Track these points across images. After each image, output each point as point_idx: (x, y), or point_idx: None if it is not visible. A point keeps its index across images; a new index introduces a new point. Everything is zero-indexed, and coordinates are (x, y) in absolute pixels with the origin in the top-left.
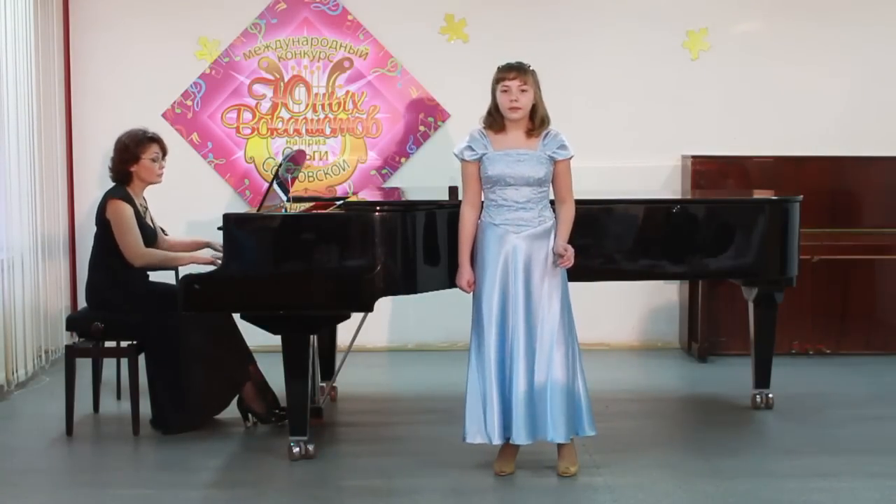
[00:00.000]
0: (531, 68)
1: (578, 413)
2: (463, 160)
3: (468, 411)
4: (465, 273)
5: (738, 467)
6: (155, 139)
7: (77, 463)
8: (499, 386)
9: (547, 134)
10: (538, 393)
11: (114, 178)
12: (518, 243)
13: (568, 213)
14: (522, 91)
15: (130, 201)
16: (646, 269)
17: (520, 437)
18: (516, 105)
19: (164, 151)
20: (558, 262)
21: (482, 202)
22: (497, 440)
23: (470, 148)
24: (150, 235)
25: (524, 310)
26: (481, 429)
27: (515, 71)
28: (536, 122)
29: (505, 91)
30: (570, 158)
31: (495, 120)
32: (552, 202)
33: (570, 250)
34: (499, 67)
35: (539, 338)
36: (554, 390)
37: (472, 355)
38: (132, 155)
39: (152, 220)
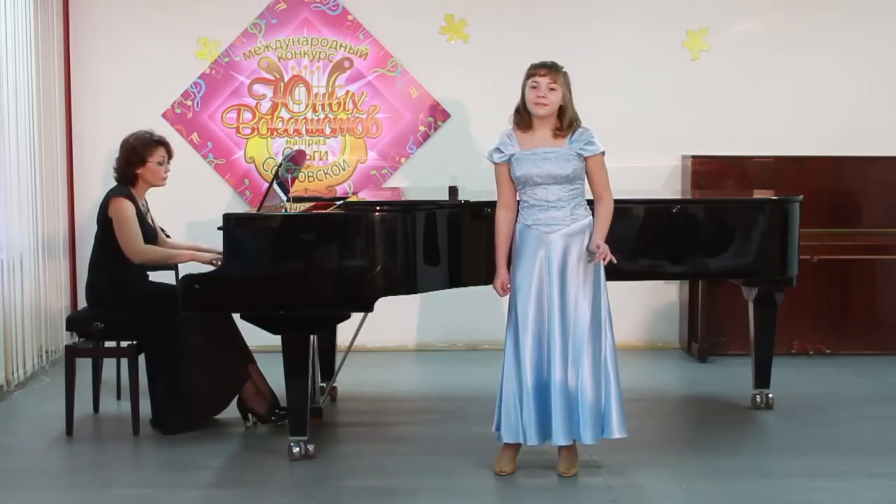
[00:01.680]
0: (564, 69)
1: (608, 414)
2: (493, 162)
3: (503, 413)
4: (500, 276)
5: (738, 467)
6: (162, 143)
7: (77, 463)
8: (535, 388)
9: (575, 131)
10: (572, 394)
11: (118, 179)
12: (553, 243)
13: (605, 210)
14: (551, 89)
15: (133, 201)
16: (646, 269)
17: (559, 437)
18: (543, 101)
19: (170, 155)
20: (592, 260)
21: (518, 204)
22: (533, 441)
23: (498, 150)
24: (151, 235)
25: (559, 310)
26: (517, 430)
27: (547, 68)
28: (565, 122)
29: (534, 87)
30: (601, 154)
31: (523, 118)
32: (590, 201)
33: (604, 247)
34: (531, 64)
35: (572, 339)
36: (584, 392)
37: (509, 357)
38: (139, 157)
39: (153, 221)
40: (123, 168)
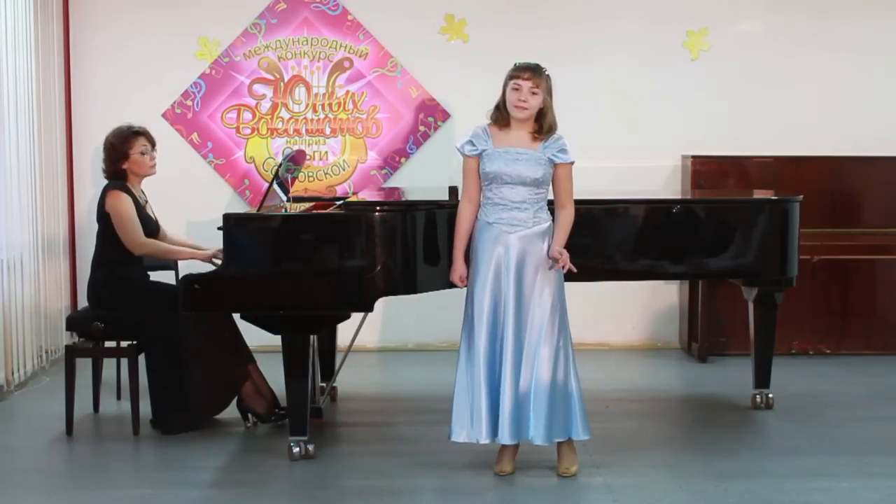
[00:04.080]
0: (547, 73)
1: (570, 415)
2: (463, 154)
3: (455, 410)
4: (457, 268)
5: (738, 467)
6: (141, 132)
7: (77, 463)
8: (488, 386)
9: (550, 136)
10: (523, 393)
11: (108, 178)
12: (511, 243)
13: (566, 218)
14: (533, 93)
15: (129, 193)
16: (646, 269)
17: (504, 437)
18: (523, 105)
19: (151, 143)
20: (553, 267)
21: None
22: (484, 439)
23: (471, 143)
24: (152, 227)
25: (514, 310)
26: (467, 427)
27: (530, 72)
28: (544, 126)
29: (516, 89)
30: (570, 164)
31: (501, 115)
32: (551, 202)
33: (566, 255)
34: (515, 65)
35: (527, 338)
36: (538, 390)
37: (462, 354)
38: (120, 153)
39: (153, 213)
40: (110, 167)
